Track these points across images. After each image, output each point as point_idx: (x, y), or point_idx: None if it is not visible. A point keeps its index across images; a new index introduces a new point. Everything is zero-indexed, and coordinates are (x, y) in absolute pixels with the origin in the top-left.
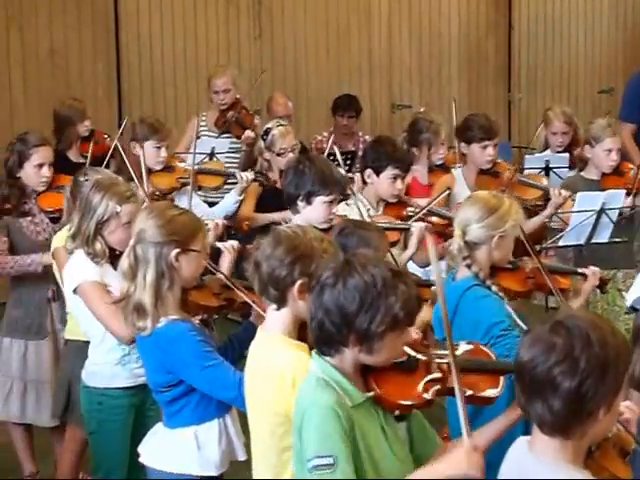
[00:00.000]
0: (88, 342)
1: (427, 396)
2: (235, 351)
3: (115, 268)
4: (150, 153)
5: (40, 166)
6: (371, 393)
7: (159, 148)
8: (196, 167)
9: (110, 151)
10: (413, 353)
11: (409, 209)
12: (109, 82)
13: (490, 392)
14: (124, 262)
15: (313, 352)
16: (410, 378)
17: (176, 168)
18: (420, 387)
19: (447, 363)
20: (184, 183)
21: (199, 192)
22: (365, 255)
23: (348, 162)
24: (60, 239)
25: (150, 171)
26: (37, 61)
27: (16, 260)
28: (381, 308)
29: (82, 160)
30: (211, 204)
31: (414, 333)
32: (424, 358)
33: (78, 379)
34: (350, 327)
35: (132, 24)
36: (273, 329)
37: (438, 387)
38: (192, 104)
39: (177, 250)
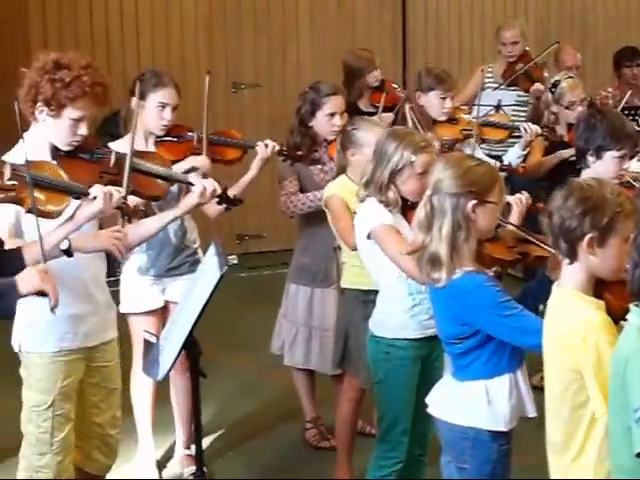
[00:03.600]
0: (364, 291)
1: None
2: (529, 305)
3: (406, 218)
4: (435, 104)
5: (332, 115)
6: None
7: (444, 99)
8: (481, 119)
9: (401, 102)
10: None
11: None
12: (394, 33)
13: None
14: (420, 212)
15: (631, 304)
16: None
17: (460, 120)
18: None
19: None
20: (467, 135)
21: (482, 145)
22: None
23: (637, 117)
24: (332, 188)
25: (434, 122)
26: (324, 12)
27: (307, 196)
28: None
29: (372, 110)
30: (495, 157)
31: None
32: None
33: (354, 328)
34: None
35: None
36: (567, 285)
37: None
38: (476, 56)
39: (474, 201)
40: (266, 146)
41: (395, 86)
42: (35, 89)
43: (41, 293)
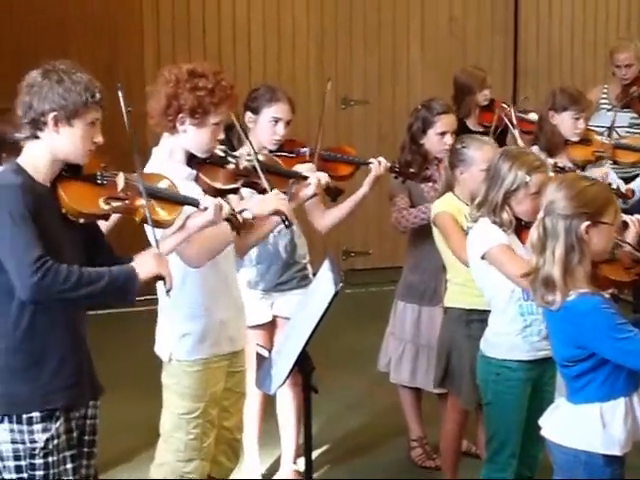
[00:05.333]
0: (467, 310)
1: None
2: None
3: (520, 238)
4: (568, 124)
5: (443, 134)
6: None
7: (577, 119)
8: (614, 141)
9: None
10: None
11: None
12: (505, 54)
13: None
14: (533, 234)
15: None
16: None
17: (593, 141)
18: None
19: None
20: (599, 157)
21: (614, 166)
22: None
23: None
24: (439, 205)
25: (566, 142)
26: (435, 30)
27: (420, 208)
28: None
29: (480, 129)
30: (626, 180)
31: None
32: None
33: (457, 348)
34: None
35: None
36: None
37: None
38: (588, 77)
39: (587, 223)
40: (379, 163)
41: (505, 106)
42: (176, 101)
43: (158, 277)
